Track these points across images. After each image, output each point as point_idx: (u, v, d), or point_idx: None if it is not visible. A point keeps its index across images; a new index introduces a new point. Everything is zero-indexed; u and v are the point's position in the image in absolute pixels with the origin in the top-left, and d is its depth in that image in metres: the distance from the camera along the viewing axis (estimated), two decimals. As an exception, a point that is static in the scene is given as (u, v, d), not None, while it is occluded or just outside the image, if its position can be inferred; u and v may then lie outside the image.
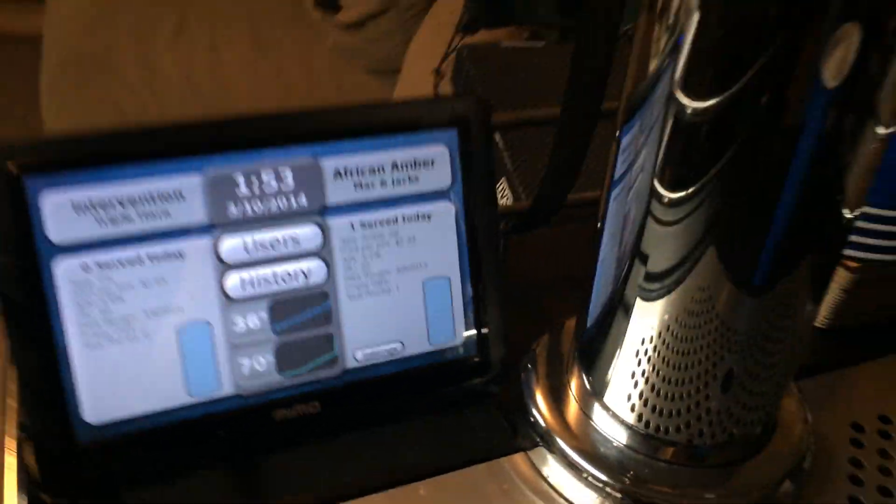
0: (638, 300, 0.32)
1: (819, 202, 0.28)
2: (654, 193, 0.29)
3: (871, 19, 0.23)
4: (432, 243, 0.37)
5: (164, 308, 0.33)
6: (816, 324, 0.46)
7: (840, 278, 0.44)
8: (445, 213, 0.37)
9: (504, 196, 0.64)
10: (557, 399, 0.36)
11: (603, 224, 0.33)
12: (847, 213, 0.29)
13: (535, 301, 0.44)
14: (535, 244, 0.43)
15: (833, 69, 0.24)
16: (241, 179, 0.33)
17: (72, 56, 1.90)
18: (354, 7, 1.81)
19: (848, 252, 0.45)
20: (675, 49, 0.26)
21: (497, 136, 0.65)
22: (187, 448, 0.35)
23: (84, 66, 1.77)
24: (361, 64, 1.88)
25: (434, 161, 0.36)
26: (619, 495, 0.32)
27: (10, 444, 0.32)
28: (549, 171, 0.39)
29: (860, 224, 0.44)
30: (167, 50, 1.88)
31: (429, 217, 0.37)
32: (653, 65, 0.27)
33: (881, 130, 0.26)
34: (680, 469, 0.33)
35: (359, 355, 0.37)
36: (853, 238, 0.44)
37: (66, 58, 1.90)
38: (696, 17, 0.25)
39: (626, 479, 0.32)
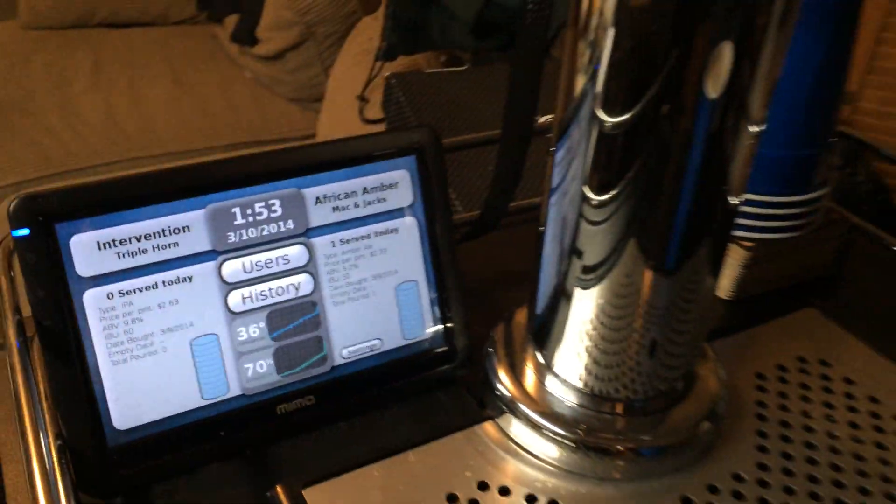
0: (577, 289, 0.39)
1: (710, 192, 0.35)
2: (584, 198, 0.36)
3: (740, 39, 0.31)
4: (400, 253, 0.43)
5: (177, 325, 0.39)
6: (724, 296, 0.54)
7: (739, 256, 0.53)
8: (410, 227, 0.43)
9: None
10: (517, 374, 0.42)
11: (545, 226, 0.40)
12: (733, 200, 0.36)
13: (489, 296, 0.51)
14: (486, 247, 0.50)
15: (714, 82, 0.32)
16: (237, 211, 0.39)
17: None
18: (272, 40, 1.86)
19: (743, 234, 0.53)
20: (595, 72, 0.33)
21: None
22: (203, 444, 0.40)
23: (5, 112, 1.76)
24: (283, 93, 1.93)
25: (397, 183, 0.43)
26: (573, 445, 0.39)
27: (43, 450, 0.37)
28: (493, 183, 0.46)
29: (750, 209, 0.52)
30: (85, 92, 1.89)
31: (396, 231, 0.43)
32: (578, 86, 0.34)
33: (753, 129, 0.34)
34: (621, 419, 0.40)
35: (344, 353, 0.43)
36: (746, 222, 0.53)
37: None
38: (610, 36, 0.32)
39: (580, 431, 0.39)
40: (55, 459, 0.35)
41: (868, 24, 1.52)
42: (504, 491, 0.39)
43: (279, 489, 0.37)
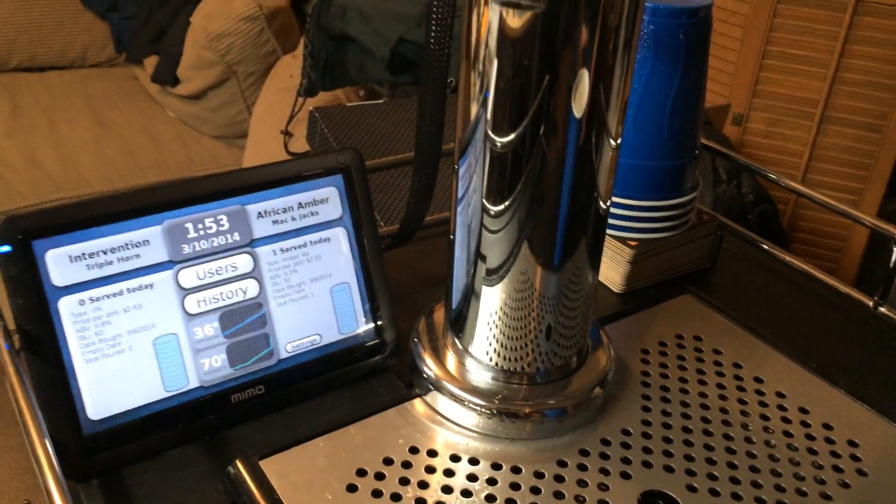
0: (483, 286, 0.46)
1: (583, 198, 0.43)
2: (484, 209, 0.44)
3: (596, 67, 0.39)
4: (333, 258, 0.50)
5: (141, 326, 0.45)
6: (616, 290, 0.63)
7: (626, 254, 0.61)
8: (340, 236, 0.50)
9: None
10: (440, 358, 0.49)
11: (454, 235, 0.47)
12: (602, 205, 0.45)
13: (411, 296, 0.58)
14: (406, 255, 0.57)
15: (578, 104, 0.40)
16: (189, 226, 0.45)
17: None
18: (193, 80, 1.91)
19: (628, 235, 0.62)
20: (485, 99, 0.41)
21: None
22: (168, 430, 0.45)
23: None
24: (207, 131, 1.98)
25: (328, 199, 0.50)
26: (490, 412, 0.47)
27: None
28: (410, 199, 0.53)
29: (632, 213, 0.61)
30: (5, 136, 1.90)
31: (329, 239, 0.50)
32: (472, 112, 0.42)
33: (612, 142, 0.43)
34: (527, 388, 0.48)
35: (289, 347, 0.49)
36: (629, 224, 0.62)
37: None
38: (494, 67, 0.40)
39: (495, 401, 0.47)
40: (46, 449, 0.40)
41: (751, 51, 1.67)
42: (432, 453, 0.45)
43: (238, 462, 0.43)
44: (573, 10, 0.37)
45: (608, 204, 0.45)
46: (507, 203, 0.43)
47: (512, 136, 0.41)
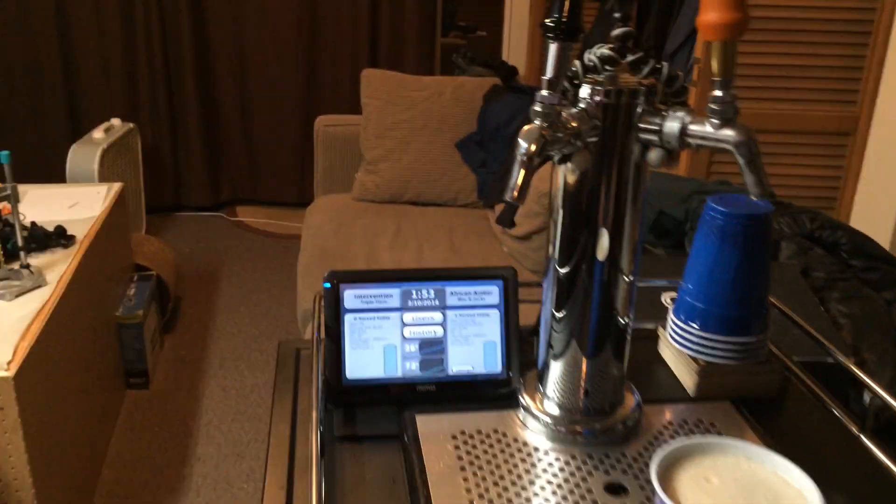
0: (551, 361, 0.81)
1: (607, 314, 0.76)
2: (553, 315, 0.79)
3: (611, 229, 0.74)
4: (489, 326, 0.88)
5: (379, 337, 0.87)
6: (690, 394, 0.91)
7: (693, 368, 0.90)
8: (495, 314, 0.89)
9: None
10: (531, 395, 0.84)
11: (539, 330, 0.83)
12: (622, 320, 0.77)
13: (528, 357, 0.93)
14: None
15: (601, 252, 0.74)
16: (413, 292, 0.88)
17: (318, 250, 2.62)
18: (523, 225, 2.42)
19: (698, 356, 0.90)
20: (555, 245, 0.77)
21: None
22: (381, 394, 0.86)
23: (327, 257, 2.48)
24: (527, 265, 2.46)
25: (492, 292, 0.89)
26: (552, 427, 0.80)
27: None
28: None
29: (700, 340, 0.90)
30: (386, 249, 2.57)
31: (488, 315, 0.88)
32: (549, 250, 0.78)
33: (626, 279, 0.76)
34: (573, 415, 0.80)
35: (454, 369, 0.88)
36: (699, 348, 0.90)
37: (315, 251, 2.62)
38: (559, 222, 0.76)
39: (554, 420, 0.80)
40: (321, 386, 0.84)
41: None
42: (513, 436, 0.80)
43: (407, 413, 0.82)
44: (598, 187, 0.73)
45: (626, 319, 0.78)
46: (564, 312, 0.78)
47: (565, 270, 0.77)
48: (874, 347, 1.26)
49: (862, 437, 0.81)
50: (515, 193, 0.65)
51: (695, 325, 0.91)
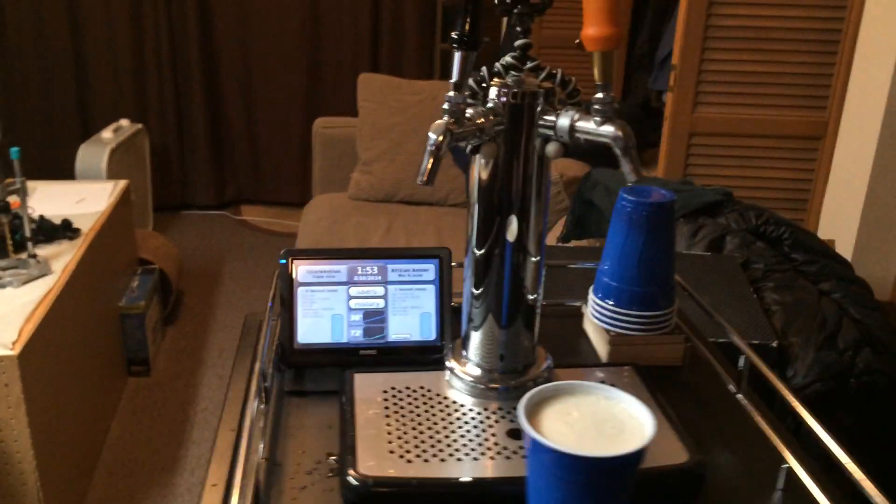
0: (472, 332, 0.93)
1: (519, 290, 0.88)
2: (472, 292, 0.91)
3: (519, 213, 0.86)
4: (425, 299, 1.00)
5: (328, 307, 0.99)
6: (602, 360, 1.02)
7: (605, 338, 1.01)
8: (431, 289, 1.01)
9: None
10: (457, 358, 0.96)
11: (462, 303, 0.95)
12: (530, 296, 0.89)
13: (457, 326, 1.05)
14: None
15: (510, 234, 0.86)
16: (359, 268, 1.00)
17: (313, 245, 2.73)
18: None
19: (609, 327, 1.02)
20: (471, 230, 0.89)
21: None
22: (327, 356, 0.98)
23: (320, 251, 2.60)
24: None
25: (428, 269, 1.01)
26: (473, 385, 0.92)
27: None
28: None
29: (611, 314, 1.01)
30: (376, 245, 2.69)
31: (425, 289, 1.01)
32: (468, 231, 0.90)
33: (533, 259, 0.88)
34: (492, 375, 0.92)
35: (393, 336, 1.00)
36: (610, 321, 1.02)
37: (310, 246, 2.74)
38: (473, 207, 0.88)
39: (474, 379, 0.92)
40: (265, 349, 0.96)
41: None
42: (440, 393, 0.92)
43: (347, 372, 0.95)
44: (507, 177, 0.85)
45: (535, 294, 0.90)
46: (481, 289, 0.90)
47: (481, 251, 0.88)
48: (800, 332, 1.37)
49: (738, 395, 0.93)
50: (425, 178, 0.77)
51: (610, 302, 1.02)
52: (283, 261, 0.99)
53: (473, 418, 0.87)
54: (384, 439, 0.82)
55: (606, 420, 0.69)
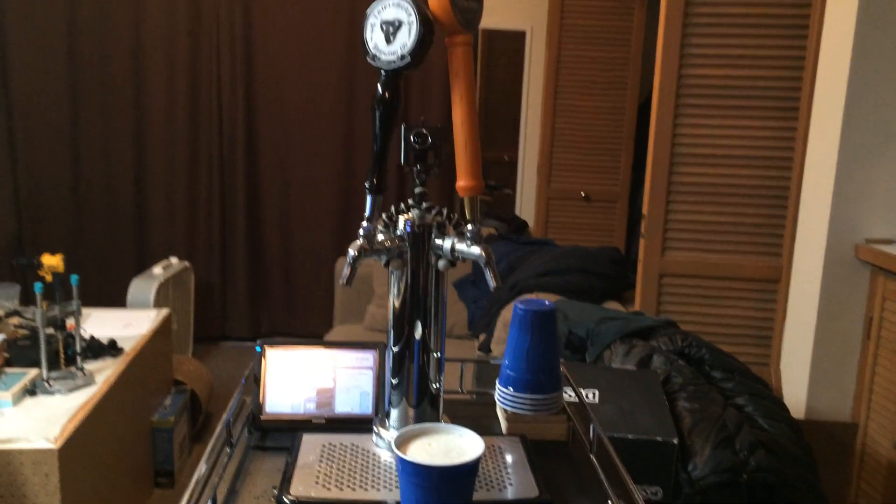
0: (394, 404, 1.23)
1: (427, 379, 1.19)
2: (391, 375, 1.22)
3: (422, 314, 1.18)
4: (365, 381, 1.31)
5: (291, 385, 1.30)
6: (504, 432, 1.30)
7: (504, 415, 1.30)
8: (369, 374, 1.31)
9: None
10: (381, 423, 1.25)
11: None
12: (434, 385, 1.20)
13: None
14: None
15: (419, 332, 1.18)
16: (316, 356, 1.32)
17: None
18: (494, 350, 2.83)
19: (507, 407, 1.30)
20: (390, 320, 1.21)
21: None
22: (289, 424, 1.29)
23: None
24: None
25: (368, 358, 1.32)
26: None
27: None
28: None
29: (508, 397, 1.30)
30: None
31: (364, 373, 1.31)
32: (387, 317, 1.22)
33: (436, 355, 1.19)
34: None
35: (338, 410, 1.30)
36: (508, 401, 1.30)
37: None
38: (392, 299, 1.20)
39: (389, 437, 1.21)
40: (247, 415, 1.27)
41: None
42: (366, 448, 1.21)
43: (298, 434, 1.24)
44: (413, 286, 1.18)
45: (438, 382, 1.20)
46: (397, 379, 1.20)
47: (396, 348, 1.20)
48: (701, 433, 1.60)
49: (591, 456, 1.20)
50: (345, 282, 1.10)
51: (510, 388, 1.32)
52: (259, 348, 1.31)
53: (385, 464, 1.16)
54: (314, 475, 1.11)
55: (454, 448, 0.98)
